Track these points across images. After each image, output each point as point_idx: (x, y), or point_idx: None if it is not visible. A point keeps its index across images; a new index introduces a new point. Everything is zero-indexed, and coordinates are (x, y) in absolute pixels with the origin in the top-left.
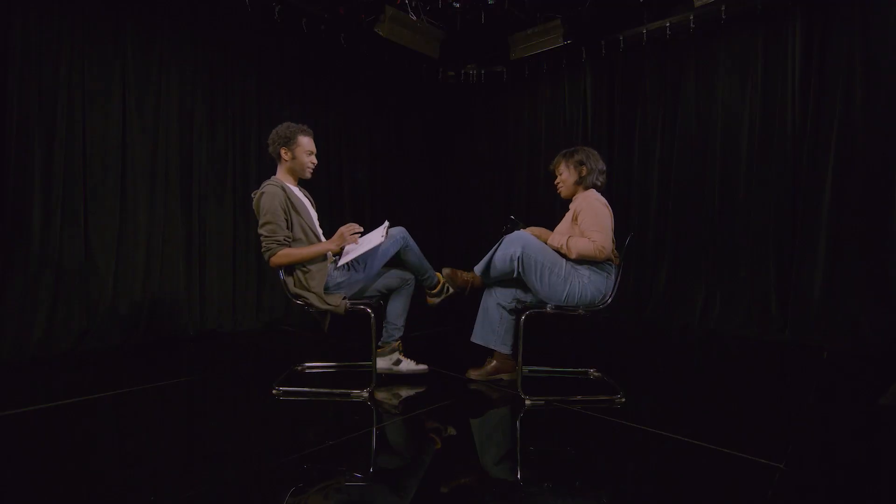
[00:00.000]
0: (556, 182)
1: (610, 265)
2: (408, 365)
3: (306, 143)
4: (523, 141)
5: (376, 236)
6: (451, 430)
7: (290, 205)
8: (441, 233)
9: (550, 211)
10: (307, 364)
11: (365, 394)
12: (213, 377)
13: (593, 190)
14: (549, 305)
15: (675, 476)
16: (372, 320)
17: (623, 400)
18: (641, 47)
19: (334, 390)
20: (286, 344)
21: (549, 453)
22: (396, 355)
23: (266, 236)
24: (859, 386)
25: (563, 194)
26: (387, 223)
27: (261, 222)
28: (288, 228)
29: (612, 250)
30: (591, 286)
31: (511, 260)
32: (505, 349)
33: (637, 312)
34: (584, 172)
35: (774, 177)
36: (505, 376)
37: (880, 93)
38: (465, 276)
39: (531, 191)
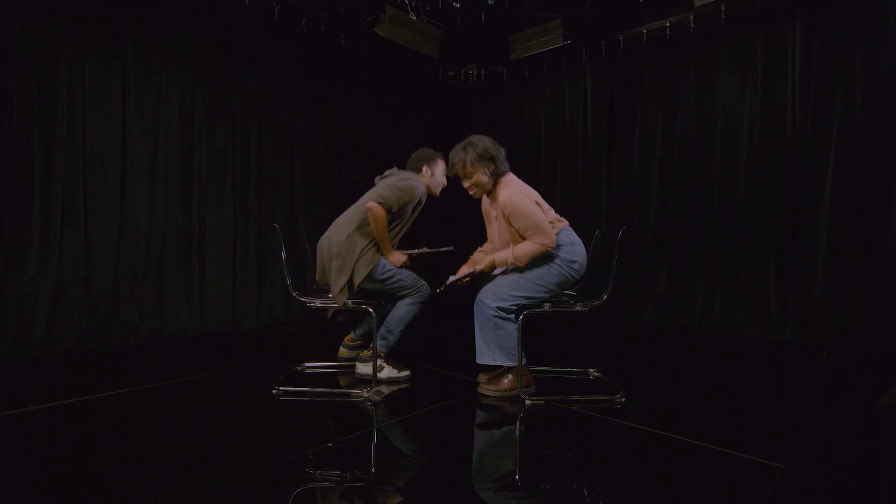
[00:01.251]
0: (466, 186)
1: (566, 231)
2: (389, 372)
3: (444, 167)
4: (523, 141)
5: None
6: (451, 430)
7: (415, 205)
8: (441, 233)
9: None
10: (307, 364)
11: (365, 394)
12: (213, 377)
13: (508, 182)
14: (546, 305)
15: (675, 476)
16: (373, 320)
17: (623, 400)
18: (641, 47)
19: (334, 390)
20: (286, 344)
21: (548, 453)
22: (379, 362)
23: (393, 196)
24: (859, 386)
25: (478, 196)
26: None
27: (401, 187)
28: (399, 214)
29: (556, 218)
30: (567, 262)
31: (494, 311)
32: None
33: (637, 312)
34: (493, 167)
35: (774, 177)
36: (526, 391)
37: (880, 93)
38: (508, 381)
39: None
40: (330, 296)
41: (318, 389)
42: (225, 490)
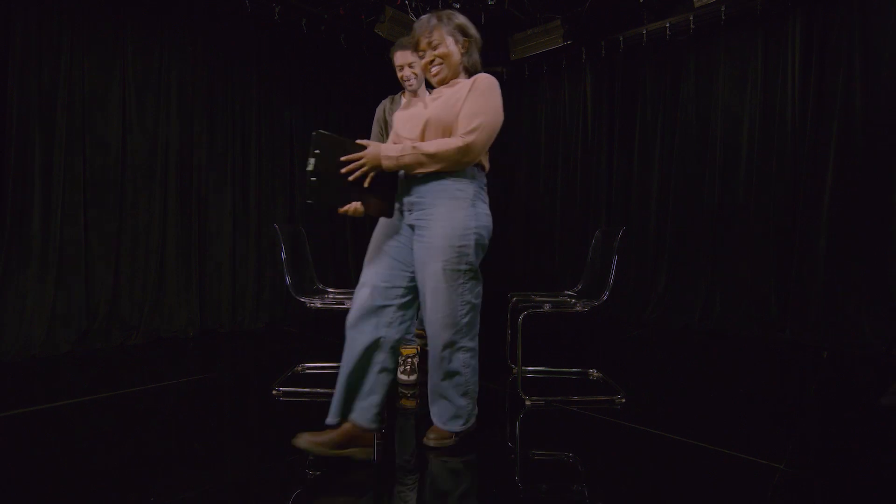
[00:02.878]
0: (427, 61)
1: (477, 175)
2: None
3: (394, 60)
4: (522, 141)
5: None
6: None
7: (384, 119)
8: None
9: (550, 211)
10: (307, 364)
11: None
12: (213, 378)
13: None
14: (547, 305)
15: (675, 477)
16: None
17: (623, 400)
18: (641, 48)
19: (334, 391)
20: (286, 344)
21: (548, 454)
22: None
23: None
24: (859, 386)
25: (438, 80)
26: None
27: None
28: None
29: (485, 157)
30: (484, 225)
31: (475, 360)
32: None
33: (637, 312)
34: (468, 46)
35: (774, 177)
36: (359, 452)
37: (880, 93)
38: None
39: (530, 191)
40: None
41: (318, 390)
42: (225, 490)
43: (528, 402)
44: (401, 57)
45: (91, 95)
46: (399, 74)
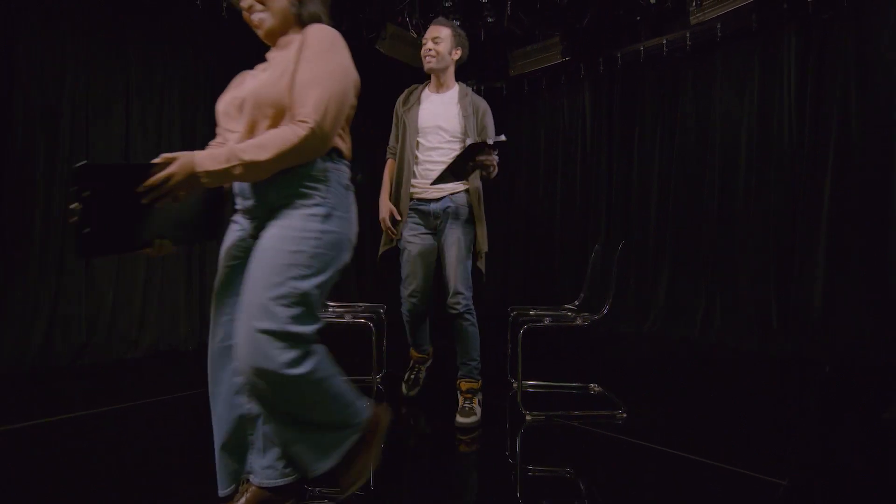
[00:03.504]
0: (246, 7)
1: (330, 165)
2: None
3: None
4: (522, 156)
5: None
6: (451, 445)
7: (399, 114)
8: None
9: (550, 217)
10: None
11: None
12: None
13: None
14: (546, 319)
15: (677, 492)
16: (373, 335)
17: (624, 415)
18: (639, 63)
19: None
20: None
21: (549, 469)
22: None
23: None
24: (862, 400)
25: (263, 33)
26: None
27: None
28: (397, 138)
29: (343, 139)
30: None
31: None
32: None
33: (637, 325)
34: None
35: (773, 189)
36: None
37: (876, 106)
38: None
39: (530, 204)
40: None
41: None
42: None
43: (528, 417)
44: (429, 30)
45: (94, 107)
46: (422, 50)
